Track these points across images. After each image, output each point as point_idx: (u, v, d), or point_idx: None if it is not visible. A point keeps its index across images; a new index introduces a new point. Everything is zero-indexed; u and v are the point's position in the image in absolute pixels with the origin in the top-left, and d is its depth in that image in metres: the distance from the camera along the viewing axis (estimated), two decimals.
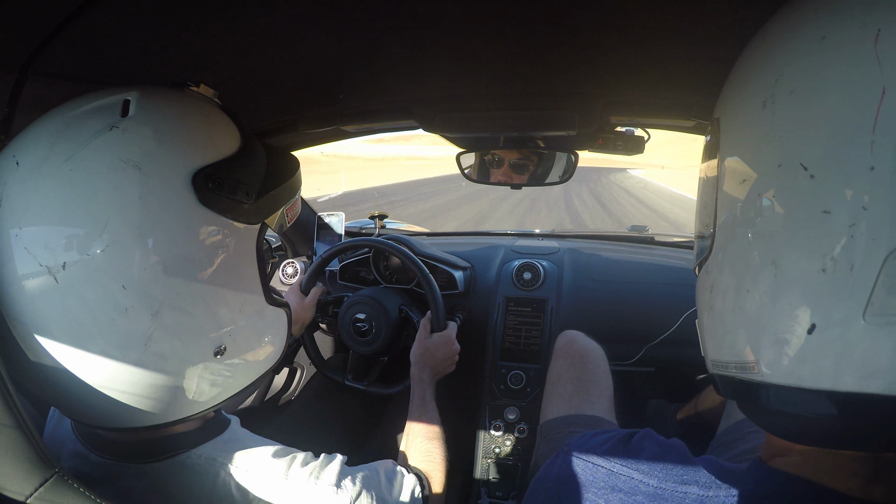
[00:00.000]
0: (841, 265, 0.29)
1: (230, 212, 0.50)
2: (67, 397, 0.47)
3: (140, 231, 0.44)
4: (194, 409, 0.53)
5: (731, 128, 0.39)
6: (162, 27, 0.56)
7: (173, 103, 0.51)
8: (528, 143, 1.07)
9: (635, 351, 1.30)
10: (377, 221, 1.68)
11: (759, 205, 0.34)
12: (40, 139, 0.45)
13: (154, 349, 0.46)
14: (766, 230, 0.34)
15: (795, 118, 0.32)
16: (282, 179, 0.58)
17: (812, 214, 0.31)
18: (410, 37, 0.64)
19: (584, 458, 0.48)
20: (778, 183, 0.33)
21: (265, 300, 0.58)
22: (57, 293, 0.42)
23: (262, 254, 0.56)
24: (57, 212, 0.43)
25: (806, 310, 0.31)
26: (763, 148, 0.34)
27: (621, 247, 1.57)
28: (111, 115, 0.46)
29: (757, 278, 0.35)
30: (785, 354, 0.33)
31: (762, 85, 0.35)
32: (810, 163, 0.31)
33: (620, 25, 0.59)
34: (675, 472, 0.43)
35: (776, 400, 0.35)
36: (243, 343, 0.55)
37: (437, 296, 1.16)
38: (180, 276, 0.46)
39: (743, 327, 0.37)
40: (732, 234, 0.38)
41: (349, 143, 3.07)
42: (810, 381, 0.32)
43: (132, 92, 0.48)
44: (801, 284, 0.32)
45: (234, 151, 0.52)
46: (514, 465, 1.18)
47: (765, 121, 0.34)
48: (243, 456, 0.57)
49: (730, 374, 0.39)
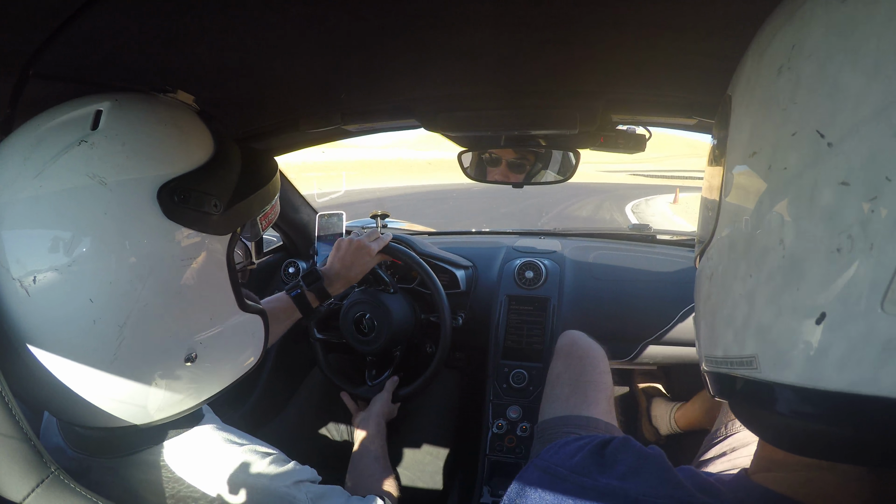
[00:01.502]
0: (859, 244, 0.26)
1: (198, 224, 0.50)
2: (50, 399, 0.49)
3: (106, 246, 0.45)
4: (169, 412, 0.54)
5: (743, 101, 0.36)
6: (162, 27, 0.56)
7: (146, 113, 0.51)
8: (529, 141, 1.06)
9: (637, 349, 1.30)
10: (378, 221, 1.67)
11: (769, 178, 0.31)
12: (14, 155, 0.46)
13: (124, 357, 0.47)
14: (774, 206, 0.31)
15: (812, 83, 0.29)
16: (255, 187, 0.58)
17: (829, 186, 0.27)
18: (411, 36, 0.64)
19: (554, 471, 0.43)
20: (791, 153, 0.30)
21: (238, 307, 0.58)
22: (29, 304, 0.44)
23: (234, 262, 0.57)
24: (27, 227, 0.44)
25: (815, 296, 0.28)
26: (776, 116, 0.31)
27: (623, 245, 1.56)
28: (81, 128, 0.47)
29: (761, 260, 0.31)
30: (788, 347, 0.29)
31: (779, 51, 0.32)
32: (828, 130, 0.28)
33: (621, 23, 0.59)
34: (650, 485, 0.38)
35: (774, 400, 0.31)
36: (216, 350, 0.55)
37: (441, 295, 1.16)
38: (147, 288, 0.47)
39: (742, 316, 0.33)
40: (737, 212, 0.34)
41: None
42: (815, 378, 0.28)
43: (105, 102, 0.49)
44: (811, 266, 0.28)
45: (205, 161, 0.52)
46: (516, 464, 1.18)
47: (779, 88, 0.31)
48: (208, 452, 0.57)
49: (724, 370, 0.36)
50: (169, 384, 0.52)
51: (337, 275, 1.00)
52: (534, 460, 0.46)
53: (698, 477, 0.39)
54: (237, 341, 0.59)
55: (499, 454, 1.20)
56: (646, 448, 0.43)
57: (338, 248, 1.04)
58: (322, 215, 1.57)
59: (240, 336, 0.60)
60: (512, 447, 1.20)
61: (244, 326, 0.60)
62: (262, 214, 0.61)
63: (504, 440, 1.21)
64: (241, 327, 0.59)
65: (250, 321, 0.61)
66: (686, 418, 1.43)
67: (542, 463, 0.44)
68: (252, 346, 0.62)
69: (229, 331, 0.57)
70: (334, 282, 0.99)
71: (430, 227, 2.01)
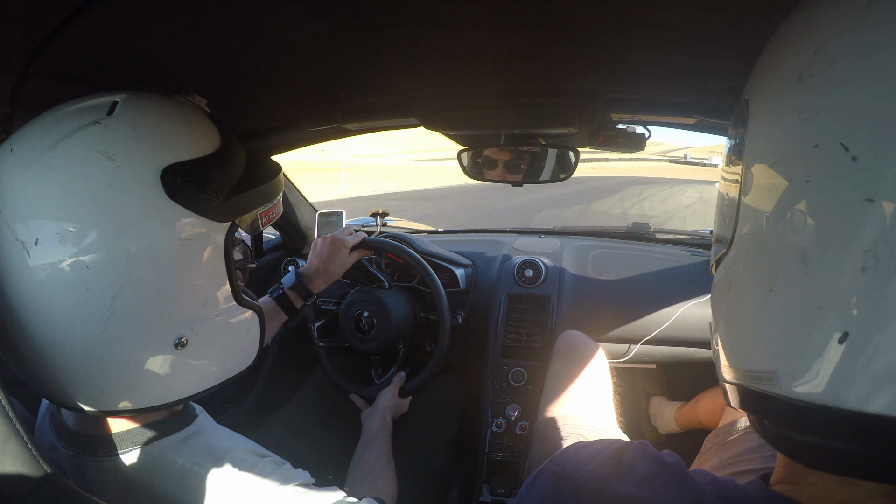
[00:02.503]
0: (884, 264, 0.25)
1: (198, 207, 0.52)
2: (38, 371, 0.51)
3: (107, 218, 0.48)
4: (158, 400, 0.54)
5: (761, 107, 0.35)
6: (162, 27, 0.56)
7: (159, 107, 0.55)
8: (528, 140, 1.06)
9: (637, 348, 1.30)
10: (378, 219, 1.67)
11: (790, 191, 0.30)
12: (34, 131, 0.50)
13: (112, 329, 0.49)
14: (795, 221, 0.29)
15: (836, 93, 0.28)
16: (256, 183, 0.59)
17: (853, 202, 0.26)
18: (411, 35, 0.64)
19: (569, 477, 0.42)
20: (814, 166, 0.28)
21: (234, 299, 0.59)
22: (28, 266, 0.47)
23: (231, 253, 0.57)
24: (35, 194, 0.47)
25: (839, 315, 0.27)
26: (798, 127, 0.30)
27: (622, 244, 1.56)
28: (98, 113, 0.50)
29: (782, 275, 0.30)
30: (810, 365, 0.28)
31: (799, 57, 0.31)
32: (852, 143, 0.26)
33: (622, 22, 0.59)
34: (668, 494, 0.38)
35: (795, 418, 0.30)
36: (207, 339, 0.56)
37: (441, 295, 1.16)
38: (142, 262, 0.49)
39: (763, 332, 0.32)
40: (757, 225, 0.33)
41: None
42: (837, 398, 0.27)
43: (122, 95, 0.52)
44: (834, 284, 0.27)
45: (211, 152, 0.55)
46: (516, 463, 1.18)
47: (800, 96, 0.30)
48: (200, 454, 0.57)
49: (744, 383, 0.35)
50: (156, 368, 0.52)
51: (317, 271, 1.03)
52: (546, 465, 0.45)
53: (717, 483, 0.38)
54: (231, 334, 0.59)
55: (498, 453, 1.20)
56: (662, 455, 0.42)
57: (314, 247, 1.07)
58: (322, 214, 1.57)
59: (234, 329, 0.60)
60: (511, 446, 1.20)
61: (239, 320, 0.60)
62: (264, 211, 0.62)
63: (503, 439, 1.21)
64: (235, 320, 0.59)
65: (245, 316, 0.61)
66: (686, 418, 1.43)
67: (556, 468, 0.44)
68: (247, 342, 0.62)
69: (223, 322, 0.57)
70: (314, 279, 1.02)
71: (432, 225, 2.01)
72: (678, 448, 0.46)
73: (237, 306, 0.59)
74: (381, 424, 1.06)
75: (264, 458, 0.60)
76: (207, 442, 0.59)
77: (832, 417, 0.28)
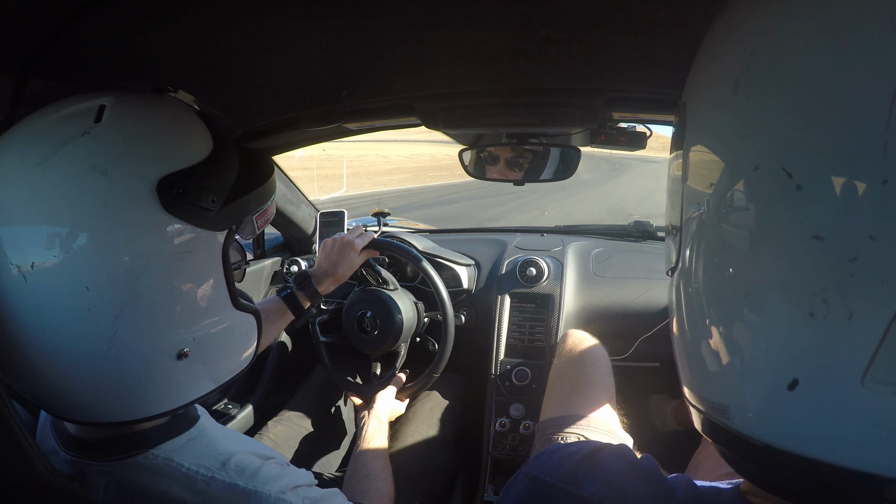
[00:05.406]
0: (835, 312, 0.22)
1: (195, 219, 0.51)
2: (44, 391, 0.50)
3: (104, 236, 0.46)
4: (161, 409, 0.54)
5: (698, 115, 0.31)
6: (162, 27, 0.56)
7: (147, 110, 0.53)
8: (529, 139, 1.06)
9: (639, 346, 1.30)
10: (380, 219, 1.67)
11: (727, 217, 0.26)
12: (18, 144, 0.48)
13: (117, 348, 0.48)
14: (736, 251, 0.26)
15: (776, 106, 0.24)
16: (252, 186, 0.59)
17: (798, 239, 0.23)
18: (412, 34, 0.64)
19: (543, 479, 0.41)
20: (753, 191, 0.25)
21: (232, 305, 0.58)
22: (26, 291, 0.45)
23: (229, 259, 0.57)
24: (28, 213, 0.46)
25: (786, 361, 0.24)
26: (735, 143, 0.26)
27: (624, 242, 1.56)
28: (85, 120, 0.48)
29: (725, 311, 0.27)
30: (761, 407, 0.26)
31: (734, 61, 0.27)
32: (796, 168, 0.22)
33: (622, 21, 0.58)
34: (639, 494, 0.37)
35: (747, 453, 0.29)
36: (208, 347, 0.56)
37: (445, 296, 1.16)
38: (143, 279, 0.48)
39: (712, 364, 0.29)
40: (696, 248, 0.30)
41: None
42: (787, 442, 0.25)
43: (108, 97, 0.50)
44: (781, 328, 0.24)
45: (204, 158, 0.53)
46: (520, 462, 1.18)
47: (736, 108, 0.26)
48: (201, 457, 0.57)
49: (703, 409, 0.33)
50: (161, 379, 0.52)
51: (325, 273, 1.02)
52: (523, 468, 0.44)
53: (692, 489, 0.37)
54: (230, 340, 0.59)
55: (501, 452, 1.20)
56: (639, 458, 0.41)
57: (324, 248, 1.07)
58: (323, 213, 1.57)
59: (233, 335, 0.60)
60: (515, 445, 1.20)
61: (237, 325, 0.60)
62: (259, 213, 0.62)
63: (507, 438, 1.21)
64: (234, 326, 0.59)
65: (244, 321, 0.61)
66: (685, 416, 1.43)
67: (530, 471, 0.43)
68: (245, 346, 0.62)
69: (222, 329, 0.57)
70: (323, 280, 1.01)
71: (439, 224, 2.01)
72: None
73: (236, 311, 0.59)
74: (376, 426, 1.07)
75: (269, 459, 0.60)
76: (211, 444, 0.59)
77: (783, 458, 0.26)
